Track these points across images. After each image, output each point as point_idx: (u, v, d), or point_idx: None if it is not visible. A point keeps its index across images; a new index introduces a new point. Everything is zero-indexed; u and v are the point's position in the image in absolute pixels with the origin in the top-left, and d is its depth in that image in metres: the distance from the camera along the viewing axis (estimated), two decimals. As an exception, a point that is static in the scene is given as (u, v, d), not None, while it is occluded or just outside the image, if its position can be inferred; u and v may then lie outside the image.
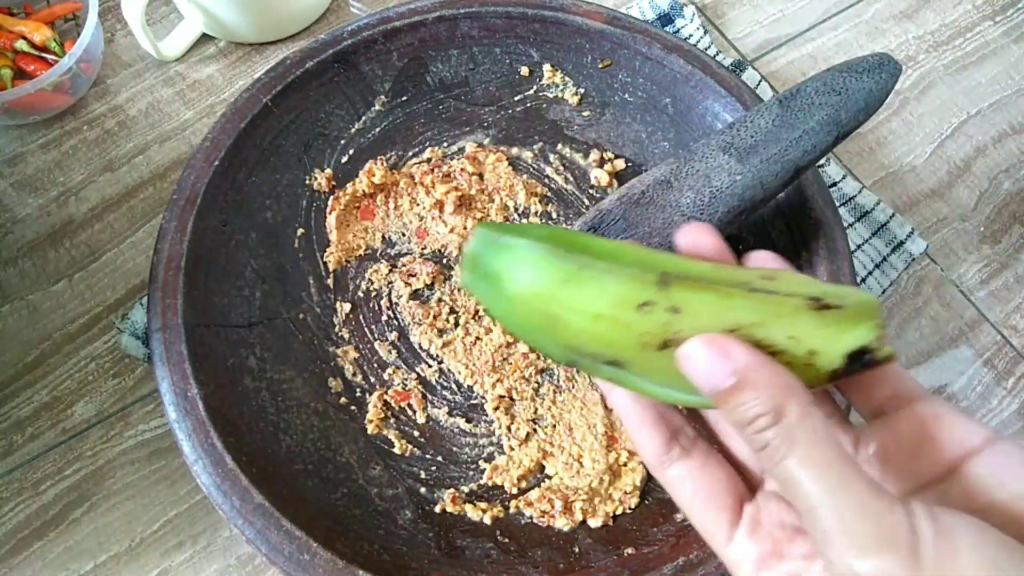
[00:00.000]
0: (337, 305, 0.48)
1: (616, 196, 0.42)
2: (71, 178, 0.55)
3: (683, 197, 0.40)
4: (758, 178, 0.39)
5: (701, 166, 0.40)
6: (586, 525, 0.43)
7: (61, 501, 0.47)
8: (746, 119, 0.40)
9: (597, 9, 0.51)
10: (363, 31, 0.50)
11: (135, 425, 0.49)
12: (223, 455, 0.39)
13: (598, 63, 0.52)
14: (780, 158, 0.39)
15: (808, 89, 0.39)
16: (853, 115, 0.38)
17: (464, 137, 0.53)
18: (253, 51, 0.61)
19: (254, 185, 0.48)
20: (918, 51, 0.64)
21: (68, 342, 0.51)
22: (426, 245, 0.50)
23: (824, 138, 0.39)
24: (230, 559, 0.46)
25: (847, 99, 0.38)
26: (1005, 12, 0.66)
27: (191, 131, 0.58)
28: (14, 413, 0.49)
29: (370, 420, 0.45)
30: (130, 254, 0.53)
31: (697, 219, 0.39)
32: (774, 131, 0.39)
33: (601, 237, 0.25)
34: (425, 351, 0.48)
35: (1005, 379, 0.53)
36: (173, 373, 0.41)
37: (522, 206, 0.52)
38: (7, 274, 0.52)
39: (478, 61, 0.53)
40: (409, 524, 0.42)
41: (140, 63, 0.60)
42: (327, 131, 0.51)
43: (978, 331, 0.54)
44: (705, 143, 0.41)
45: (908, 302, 0.55)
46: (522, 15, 0.51)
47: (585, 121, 0.54)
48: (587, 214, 0.43)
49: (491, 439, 0.46)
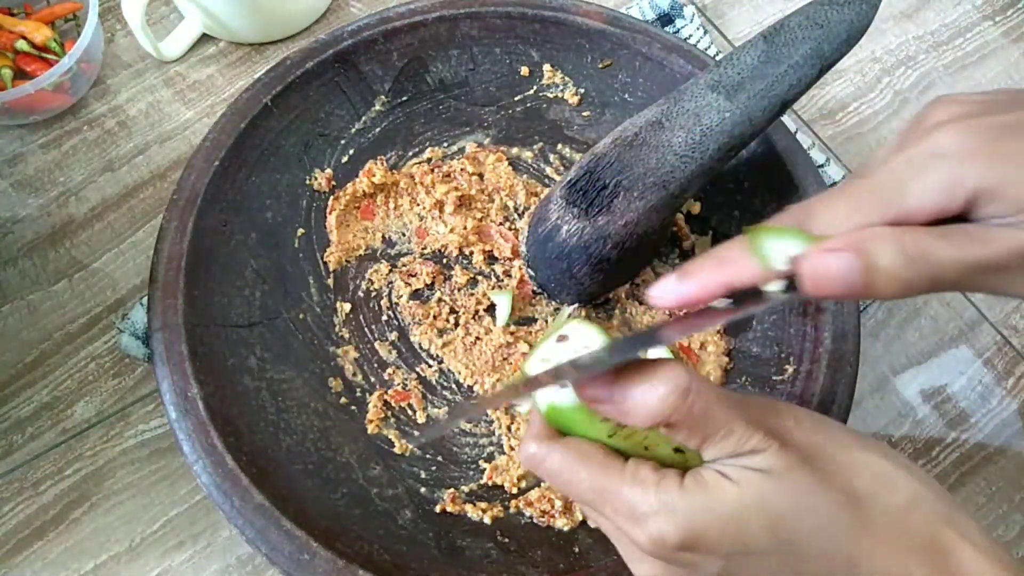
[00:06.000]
0: (337, 305, 0.48)
1: (610, 139, 0.42)
2: (71, 178, 0.55)
3: (675, 137, 0.41)
4: (746, 114, 0.40)
5: (691, 105, 0.41)
6: (586, 525, 0.43)
7: (61, 501, 0.47)
8: (732, 56, 0.41)
9: (597, 9, 0.51)
10: (363, 31, 0.50)
11: (135, 425, 0.49)
12: (223, 455, 0.39)
13: (598, 63, 0.52)
14: (767, 93, 0.40)
15: (791, 23, 0.40)
16: (836, 47, 0.39)
17: (464, 137, 0.53)
18: (253, 51, 0.61)
19: (254, 185, 0.48)
20: (918, 51, 0.64)
21: (68, 342, 0.51)
22: (426, 245, 0.50)
23: (809, 71, 0.40)
24: (230, 559, 0.46)
25: (829, 32, 0.39)
26: (1005, 12, 0.66)
27: (191, 131, 0.57)
28: (14, 413, 0.49)
29: (370, 420, 0.45)
30: (130, 254, 0.53)
31: (689, 157, 0.40)
32: (760, 67, 0.40)
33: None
34: (425, 351, 0.48)
35: (1005, 379, 0.53)
36: (173, 373, 0.41)
37: (522, 206, 0.52)
38: (7, 274, 0.52)
39: (478, 61, 0.53)
40: (409, 524, 0.42)
41: (140, 63, 0.60)
42: (327, 131, 0.51)
43: (978, 331, 0.54)
44: (694, 82, 0.41)
45: (908, 302, 0.55)
46: (522, 15, 0.51)
47: (585, 121, 0.54)
48: (583, 159, 0.43)
49: (491, 439, 0.46)
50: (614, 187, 0.41)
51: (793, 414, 0.28)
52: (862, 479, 0.27)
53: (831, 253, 0.26)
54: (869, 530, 0.26)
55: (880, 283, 0.26)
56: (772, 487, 0.26)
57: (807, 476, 0.26)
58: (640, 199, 0.41)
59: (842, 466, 0.27)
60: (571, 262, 0.43)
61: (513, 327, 0.48)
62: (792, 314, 0.46)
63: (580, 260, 0.43)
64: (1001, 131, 0.26)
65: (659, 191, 0.41)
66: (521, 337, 0.48)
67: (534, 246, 0.46)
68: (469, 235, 0.50)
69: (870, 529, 0.26)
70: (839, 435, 0.28)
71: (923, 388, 0.52)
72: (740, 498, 0.26)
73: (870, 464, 0.27)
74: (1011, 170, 0.26)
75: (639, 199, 0.41)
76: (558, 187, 0.44)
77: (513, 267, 0.50)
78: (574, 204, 0.42)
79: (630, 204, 0.41)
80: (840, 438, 0.28)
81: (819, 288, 0.27)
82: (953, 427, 0.51)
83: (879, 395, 0.52)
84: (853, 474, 0.27)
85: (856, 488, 0.26)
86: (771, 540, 0.26)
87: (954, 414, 0.52)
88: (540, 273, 0.46)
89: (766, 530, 0.26)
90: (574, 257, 0.43)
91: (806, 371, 0.44)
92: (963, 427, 0.51)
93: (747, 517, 0.26)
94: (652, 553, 0.27)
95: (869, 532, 0.26)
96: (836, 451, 0.27)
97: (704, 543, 0.26)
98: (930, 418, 0.51)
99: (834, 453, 0.27)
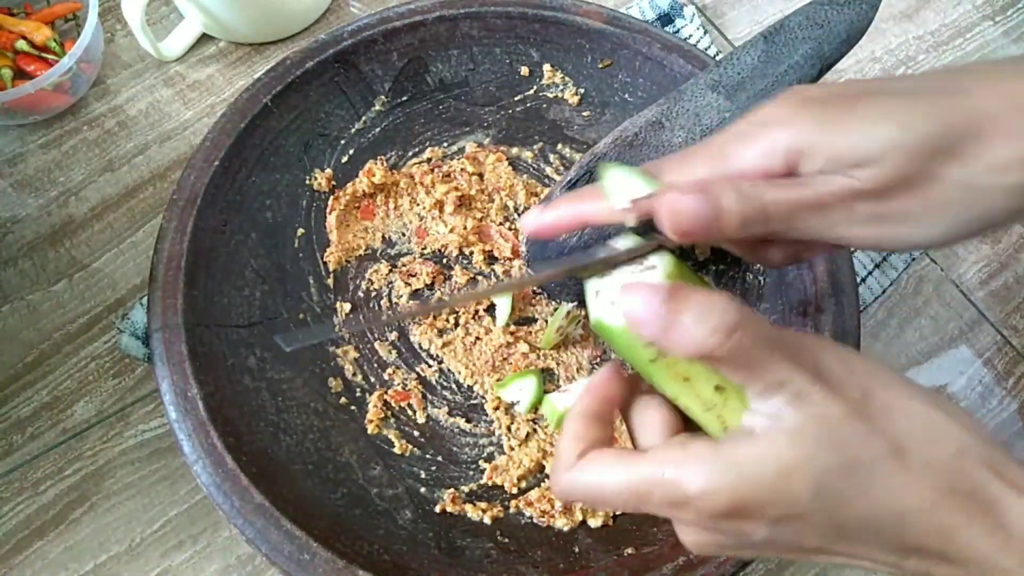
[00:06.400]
0: (337, 305, 0.48)
1: (610, 139, 0.42)
2: (71, 178, 0.55)
3: (675, 137, 0.41)
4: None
5: (691, 105, 0.41)
6: (586, 525, 0.43)
7: (61, 501, 0.47)
8: (733, 56, 0.41)
9: (597, 9, 0.51)
10: (363, 31, 0.50)
11: (135, 425, 0.49)
12: (223, 455, 0.39)
13: (598, 63, 0.52)
14: (767, 93, 0.40)
15: (791, 23, 0.40)
16: (836, 47, 0.40)
17: (464, 137, 0.53)
18: (253, 51, 0.61)
19: (254, 185, 0.48)
20: (918, 51, 0.64)
21: (68, 342, 0.51)
22: (426, 245, 0.50)
23: (809, 71, 0.40)
24: (230, 559, 0.46)
25: (829, 31, 0.39)
26: (1005, 12, 0.66)
27: (191, 131, 0.57)
28: (14, 413, 0.49)
29: (370, 420, 0.45)
30: (130, 254, 0.53)
31: None
32: (760, 67, 0.40)
33: None
34: (425, 351, 0.48)
35: (1005, 379, 0.53)
36: (173, 373, 0.41)
37: (522, 206, 0.52)
38: (7, 274, 0.52)
39: (478, 61, 0.53)
40: (409, 524, 0.42)
41: (140, 63, 0.60)
42: (327, 131, 0.51)
43: (978, 331, 0.54)
44: (694, 82, 0.41)
45: (908, 302, 0.55)
46: (522, 15, 0.51)
47: (585, 121, 0.54)
48: (583, 159, 0.43)
49: (491, 439, 0.46)
50: (614, 187, 0.41)
51: (843, 356, 0.28)
52: (910, 429, 0.26)
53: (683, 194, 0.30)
54: (917, 483, 0.26)
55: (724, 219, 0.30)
56: (818, 440, 0.26)
57: (854, 426, 0.26)
58: (640, 199, 0.41)
59: (890, 415, 0.27)
60: (571, 262, 0.43)
61: (513, 327, 0.48)
62: (792, 314, 0.46)
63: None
64: (816, 101, 0.31)
65: (659, 191, 0.41)
66: (521, 337, 0.48)
67: (534, 246, 0.46)
68: (469, 235, 0.50)
69: (918, 482, 0.26)
70: (888, 381, 0.28)
71: (923, 388, 0.52)
72: (782, 458, 0.26)
73: (918, 413, 0.27)
74: (818, 131, 0.30)
75: (639, 199, 0.41)
76: (558, 187, 0.44)
77: (513, 267, 0.50)
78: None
79: (630, 204, 0.41)
80: (890, 384, 0.28)
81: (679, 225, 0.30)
82: (953, 427, 0.51)
83: (879, 395, 0.52)
84: (901, 423, 0.27)
85: (904, 439, 0.26)
86: (817, 499, 0.26)
87: (954, 414, 0.51)
88: (540, 273, 0.46)
89: (812, 490, 0.26)
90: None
91: (806, 371, 0.43)
92: (963, 427, 0.51)
93: (792, 478, 0.26)
94: (701, 525, 0.27)
95: (917, 485, 0.26)
96: (885, 397, 0.27)
97: (749, 510, 0.26)
98: (930, 418, 0.51)
99: (883, 400, 0.27)
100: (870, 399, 0.27)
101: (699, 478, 0.26)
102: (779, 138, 0.30)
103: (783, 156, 0.31)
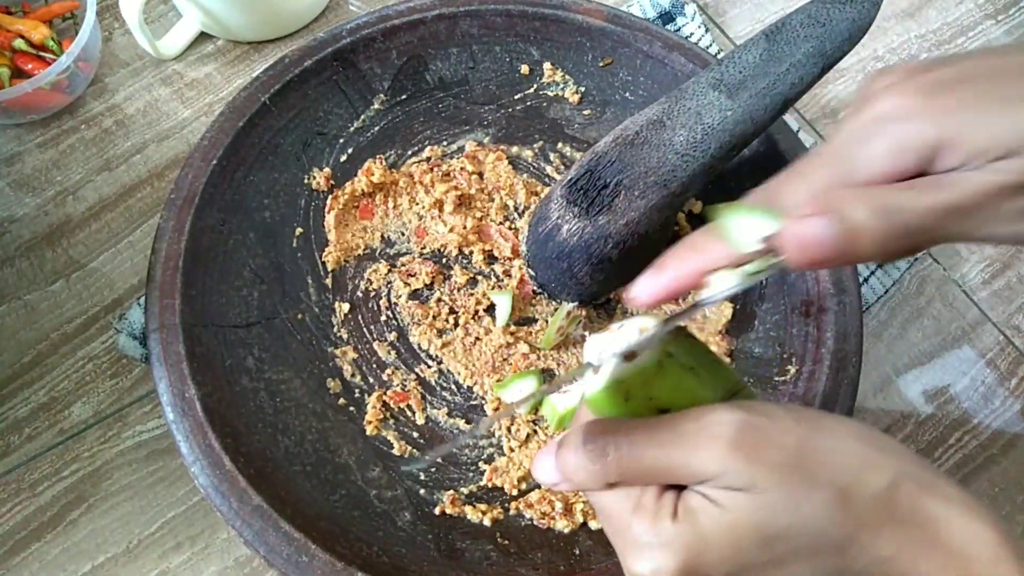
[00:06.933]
0: (336, 305, 0.48)
1: (611, 138, 0.42)
2: (68, 177, 0.55)
3: (676, 136, 0.40)
4: (748, 113, 0.40)
5: (692, 104, 0.41)
6: (587, 527, 0.43)
7: (59, 502, 0.46)
8: (734, 54, 0.41)
9: (598, 7, 0.51)
10: (362, 29, 0.50)
11: (133, 426, 0.48)
12: (221, 456, 0.39)
13: (599, 61, 0.52)
14: (769, 92, 0.40)
15: (793, 22, 0.40)
16: (838, 46, 0.39)
17: (464, 136, 0.53)
18: (251, 49, 0.60)
19: (252, 184, 0.48)
20: (920, 50, 0.64)
21: (65, 342, 0.50)
22: (425, 245, 0.50)
23: (811, 70, 0.40)
24: (228, 561, 0.45)
25: (831, 30, 0.39)
26: (1007, 11, 0.65)
27: (189, 130, 0.57)
28: (11, 414, 0.48)
29: (369, 421, 0.45)
30: (128, 254, 0.53)
31: (690, 156, 0.40)
32: (762, 65, 0.40)
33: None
34: (424, 351, 0.47)
35: (1008, 379, 0.52)
36: (171, 373, 0.41)
37: (522, 205, 0.51)
38: (4, 274, 0.52)
39: (478, 59, 0.53)
40: (408, 526, 0.42)
41: (138, 62, 0.59)
42: (326, 130, 0.51)
43: (981, 331, 0.54)
44: (695, 80, 0.41)
45: (911, 302, 0.54)
46: (522, 13, 0.51)
47: (586, 120, 0.53)
48: (583, 158, 0.43)
49: (491, 440, 0.45)
50: (615, 186, 0.41)
51: (768, 412, 0.27)
52: (846, 468, 0.26)
53: (807, 219, 0.27)
54: (858, 519, 0.26)
55: (861, 240, 0.26)
56: (759, 504, 0.26)
57: (793, 482, 0.26)
58: (641, 198, 0.41)
59: (825, 459, 0.26)
60: (572, 262, 0.43)
61: (513, 327, 0.48)
62: (794, 314, 0.45)
63: (581, 260, 0.43)
64: (936, 86, 0.27)
65: (660, 190, 0.41)
66: (521, 337, 0.47)
67: (534, 246, 0.45)
68: (469, 235, 0.50)
69: (859, 517, 0.26)
70: (819, 423, 0.27)
71: (926, 389, 0.52)
72: (731, 522, 0.26)
73: (851, 450, 0.27)
74: (952, 122, 0.26)
75: (640, 198, 0.41)
76: (558, 186, 0.44)
77: (513, 267, 0.49)
78: (575, 203, 0.42)
79: (631, 203, 0.41)
80: (821, 427, 0.27)
81: (806, 256, 0.27)
82: (956, 428, 0.51)
83: (882, 396, 0.52)
84: (836, 464, 0.26)
85: (841, 479, 0.26)
86: (766, 554, 0.26)
87: (957, 415, 0.51)
88: (540, 273, 0.46)
89: (760, 546, 0.26)
90: (575, 257, 0.43)
91: (808, 372, 0.43)
92: (966, 428, 0.51)
93: (740, 539, 0.26)
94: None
95: (858, 521, 0.26)
96: (818, 442, 0.27)
97: (702, 570, 0.26)
98: (933, 419, 0.51)
99: (816, 445, 0.27)
100: (805, 448, 0.26)
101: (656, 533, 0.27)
102: (909, 134, 0.27)
103: (916, 155, 0.27)
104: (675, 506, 0.27)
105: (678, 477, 0.27)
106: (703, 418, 0.27)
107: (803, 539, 0.26)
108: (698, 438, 0.26)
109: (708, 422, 0.26)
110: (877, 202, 0.26)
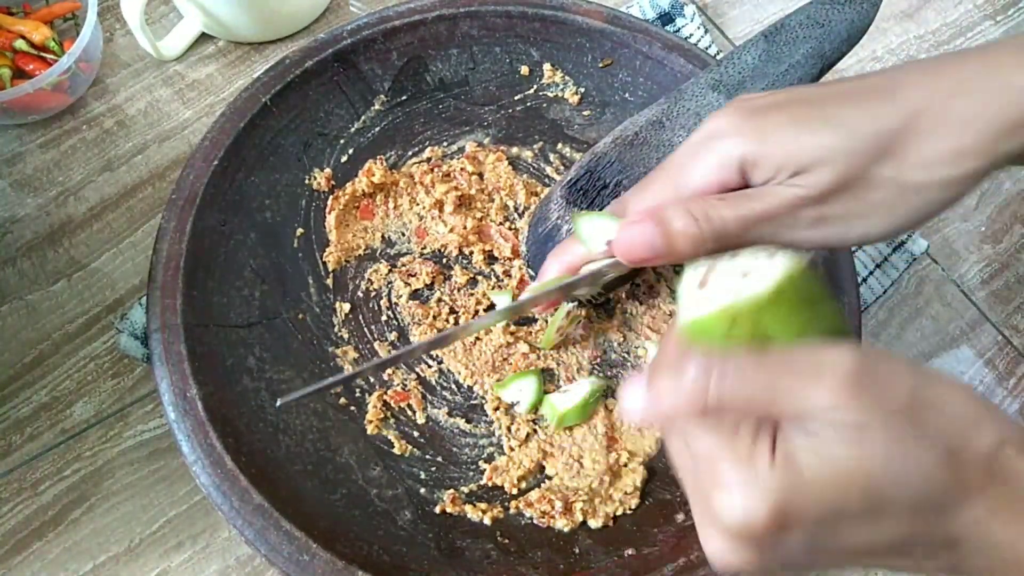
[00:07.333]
0: (336, 305, 0.48)
1: (610, 139, 0.42)
2: (70, 178, 0.55)
3: (675, 136, 0.41)
4: None
5: (691, 105, 0.41)
6: (586, 526, 0.43)
7: (60, 501, 0.47)
8: (733, 55, 0.41)
9: (597, 8, 0.51)
10: (363, 30, 0.50)
11: (134, 425, 0.49)
12: (222, 455, 0.39)
13: (598, 62, 0.52)
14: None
15: (792, 23, 0.40)
16: (836, 47, 0.40)
17: (464, 136, 0.53)
18: (252, 50, 0.61)
19: (253, 185, 0.48)
20: (919, 51, 0.64)
21: (67, 342, 0.50)
22: (426, 245, 0.50)
23: (809, 71, 0.40)
24: (229, 560, 0.46)
25: (830, 31, 0.40)
26: (1006, 12, 0.66)
27: (190, 131, 0.57)
28: (13, 413, 0.49)
29: (369, 420, 0.45)
30: (129, 254, 0.53)
31: None
32: (761, 66, 0.40)
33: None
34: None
35: (1006, 379, 0.53)
36: (172, 373, 0.41)
37: (522, 205, 0.51)
38: (6, 274, 0.52)
39: (478, 60, 0.53)
40: (409, 525, 0.42)
41: (139, 62, 0.60)
42: (326, 130, 0.51)
43: (979, 331, 0.54)
44: (695, 81, 0.41)
45: (909, 302, 0.55)
46: (522, 14, 0.51)
47: (585, 120, 0.53)
48: (583, 158, 0.43)
49: (491, 439, 0.46)
50: (615, 186, 0.41)
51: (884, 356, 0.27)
52: (955, 424, 0.26)
53: (634, 224, 0.32)
54: (962, 483, 0.25)
55: (677, 242, 0.31)
56: (868, 450, 0.25)
57: (905, 433, 0.25)
58: (640, 199, 0.41)
59: (937, 411, 0.26)
60: (571, 262, 0.43)
61: (513, 327, 0.48)
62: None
63: (580, 260, 0.43)
64: (756, 111, 0.32)
65: (660, 191, 0.41)
66: (521, 337, 0.48)
67: (534, 246, 0.45)
68: (469, 235, 0.50)
69: (963, 481, 0.25)
70: (930, 375, 0.27)
71: (924, 388, 0.52)
72: (834, 464, 0.25)
73: (961, 406, 0.26)
74: (765, 141, 0.31)
75: (639, 199, 0.41)
76: (558, 186, 0.44)
77: (513, 267, 0.49)
78: (575, 204, 0.42)
79: (630, 204, 0.41)
80: (932, 380, 0.27)
81: (632, 255, 0.32)
82: (954, 427, 0.51)
83: (880, 395, 0.52)
84: (946, 419, 0.26)
85: (951, 437, 0.26)
86: (865, 503, 0.25)
87: (955, 414, 0.51)
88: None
89: (862, 495, 0.25)
90: (574, 257, 0.43)
91: (807, 371, 0.43)
92: (964, 427, 0.51)
93: (842, 482, 0.25)
94: (736, 533, 0.26)
95: (961, 484, 0.25)
96: (931, 393, 0.26)
97: (795, 518, 0.25)
98: (931, 418, 0.51)
99: (929, 397, 0.26)
100: (917, 399, 0.26)
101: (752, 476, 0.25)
102: (730, 151, 0.32)
103: (736, 169, 0.32)
104: (772, 447, 0.25)
105: (783, 408, 0.25)
106: (818, 352, 0.26)
107: (906, 495, 0.25)
108: (813, 370, 0.25)
109: (824, 356, 0.25)
110: (695, 211, 0.31)
